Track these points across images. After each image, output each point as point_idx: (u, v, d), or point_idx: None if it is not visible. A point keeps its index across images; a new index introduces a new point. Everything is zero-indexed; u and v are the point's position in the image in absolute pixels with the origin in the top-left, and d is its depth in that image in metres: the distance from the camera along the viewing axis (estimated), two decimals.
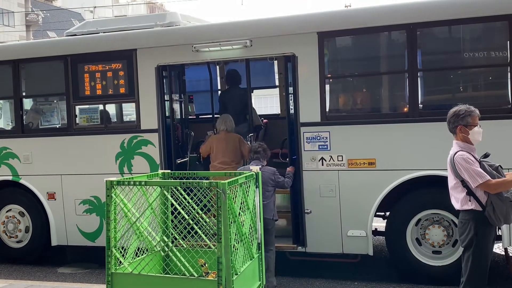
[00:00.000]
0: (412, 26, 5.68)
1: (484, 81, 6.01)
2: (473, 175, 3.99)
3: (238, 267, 4.12)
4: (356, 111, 6.34)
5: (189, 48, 6.37)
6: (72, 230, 7.08)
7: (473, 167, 4.01)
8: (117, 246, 4.23)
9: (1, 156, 7.34)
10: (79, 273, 6.97)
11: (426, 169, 5.64)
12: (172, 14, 7.16)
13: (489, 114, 5.12)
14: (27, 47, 7.90)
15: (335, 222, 5.98)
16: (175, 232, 4.30)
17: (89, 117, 7.08)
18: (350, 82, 6.47)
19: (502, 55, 5.56)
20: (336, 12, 6.32)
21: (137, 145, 6.71)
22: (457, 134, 4.19)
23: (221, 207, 3.84)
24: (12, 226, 7.39)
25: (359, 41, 6.18)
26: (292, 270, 6.52)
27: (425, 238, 5.81)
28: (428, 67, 5.96)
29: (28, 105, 7.79)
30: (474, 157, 4.10)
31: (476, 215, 4.04)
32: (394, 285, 5.88)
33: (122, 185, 4.25)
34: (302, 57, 6.02)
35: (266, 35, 6.22)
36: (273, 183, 5.74)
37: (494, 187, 3.97)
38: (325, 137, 5.98)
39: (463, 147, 4.15)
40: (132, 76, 6.67)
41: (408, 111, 5.80)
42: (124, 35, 6.87)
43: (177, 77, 7.46)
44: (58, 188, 7.09)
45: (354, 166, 5.88)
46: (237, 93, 7.66)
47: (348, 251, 6.02)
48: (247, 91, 7.23)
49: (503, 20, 5.47)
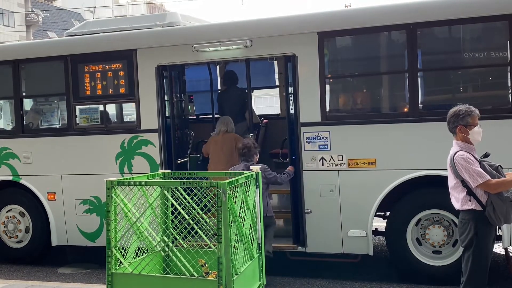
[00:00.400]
0: (412, 26, 5.68)
1: (484, 81, 6.01)
2: (473, 175, 3.99)
3: (239, 267, 4.12)
4: (356, 111, 6.34)
5: (189, 48, 6.38)
6: (72, 230, 7.08)
7: (473, 167, 4.01)
8: (117, 246, 4.23)
9: (1, 156, 7.34)
10: (79, 273, 6.97)
11: (426, 169, 5.64)
12: (172, 14, 7.16)
13: (489, 114, 5.13)
14: (27, 47, 7.89)
15: (335, 222, 5.98)
16: (176, 232, 4.30)
17: (89, 117, 7.08)
18: (350, 82, 6.47)
19: (502, 55, 5.56)
20: (336, 12, 6.32)
21: (137, 145, 6.71)
22: (457, 134, 4.19)
23: (222, 207, 3.84)
24: (12, 226, 7.40)
25: (359, 41, 6.18)
26: (292, 270, 6.52)
27: (425, 238, 5.81)
28: (428, 67, 5.96)
29: (28, 105, 7.79)
30: (474, 157, 4.10)
31: (476, 215, 4.04)
32: (394, 285, 5.88)
33: (123, 185, 4.25)
34: (302, 57, 6.02)
35: (266, 35, 6.22)
36: (265, 180, 5.72)
37: (494, 187, 3.98)
38: (325, 137, 5.98)
39: (463, 147, 4.14)
40: (132, 76, 6.67)
41: (408, 111, 5.80)
42: (124, 35, 6.87)
43: (177, 77, 7.46)
44: (58, 188, 7.10)
45: (354, 166, 5.88)
46: (234, 93, 7.68)
47: (348, 251, 6.02)
48: (244, 90, 7.23)
49: (503, 20, 5.46)
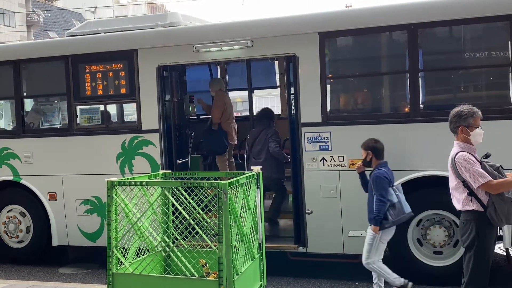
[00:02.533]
0: (413, 27, 5.67)
1: (485, 81, 6.00)
2: (474, 175, 3.98)
3: (239, 267, 4.12)
4: (357, 111, 6.34)
5: (190, 48, 6.37)
6: (73, 230, 7.07)
7: (474, 167, 4.00)
8: (118, 246, 4.23)
9: (2, 156, 7.34)
10: (80, 273, 6.97)
11: (427, 170, 5.64)
12: (173, 14, 7.16)
13: (490, 114, 5.12)
14: (28, 47, 7.90)
15: (336, 223, 5.97)
16: (176, 232, 4.29)
17: (90, 117, 7.08)
18: (351, 82, 6.47)
19: (504, 55, 5.55)
20: (337, 13, 6.32)
21: (138, 146, 6.71)
22: (458, 134, 4.18)
23: (222, 207, 3.83)
24: (13, 226, 7.40)
25: (360, 41, 6.18)
26: (293, 271, 6.52)
27: (426, 239, 5.80)
28: (429, 67, 5.95)
29: (29, 106, 7.80)
30: (475, 157, 4.09)
31: (477, 215, 4.03)
32: None
33: (123, 185, 4.24)
34: (303, 58, 6.01)
35: (267, 35, 6.21)
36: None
37: (495, 188, 3.97)
38: (326, 137, 5.98)
39: (464, 147, 4.14)
40: (133, 76, 6.67)
41: (409, 112, 5.79)
42: (125, 36, 6.87)
43: (178, 77, 7.46)
44: (59, 188, 7.09)
45: (355, 166, 5.87)
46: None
47: (349, 252, 6.01)
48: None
49: (505, 20, 5.46)
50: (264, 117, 7.07)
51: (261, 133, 6.90)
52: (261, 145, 6.83)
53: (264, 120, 7.03)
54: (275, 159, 6.74)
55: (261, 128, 6.98)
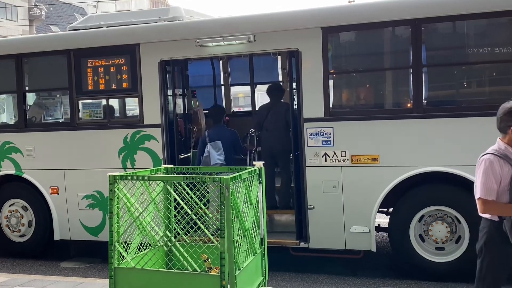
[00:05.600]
0: (417, 22, 5.64)
1: (490, 77, 5.96)
2: (485, 185, 3.53)
3: (241, 262, 4.12)
4: (359, 106, 6.32)
5: (193, 43, 6.35)
6: (75, 225, 7.09)
7: (491, 177, 3.51)
8: (120, 240, 4.23)
9: (4, 150, 7.34)
10: (82, 268, 6.99)
11: (430, 165, 5.61)
12: (176, 8, 7.14)
13: (495, 111, 5.08)
14: (30, 41, 7.88)
15: (338, 218, 5.97)
16: (178, 227, 4.29)
17: (92, 111, 7.07)
18: (354, 77, 6.44)
19: (508, 51, 5.51)
20: (340, 7, 6.28)
21: (140, 140, 6.70)
22: (508, 134, 3.58)
23: (224, 202, 3.83)
24: (15, 220, 7.41)
25: (363, 36, 6.15)
26: (294, 266, 6.52)
27: (428, 235, 5.79)
28: (433, 63, 5.91)
29: (31, 100, 7.79)
30: (510, 164, 3.50)
31: (491, 225, 3.64)
32: (397, 281, 5.87)
33: (125, 179, 4.24)
34: (305, 53, 5.99)
35: (270, 30, 6.18)
36: None
37: (489, 208, 3.52)
38: (328, 132, 5.96)
39: (502, 149, 3.57)
40: (135, 71, 6.65)
41: (412, 107, 5.77)
42: (127, 30, 6.85)
43: (180, 72, 7.45)
44: (61, 183, 7.10)
45: (357, 162, 5.86)
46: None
47: (351, 247, 6.01)
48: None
49: (509, 15, 5.43)
50: (276, 91, 7.18)
51: (275, 105, 7.02)
52: (276, 115, 6.89)
53: (277, 93, 7.15)
54: (289, 133, 6.60)
55: (274, 100, 7.09)
